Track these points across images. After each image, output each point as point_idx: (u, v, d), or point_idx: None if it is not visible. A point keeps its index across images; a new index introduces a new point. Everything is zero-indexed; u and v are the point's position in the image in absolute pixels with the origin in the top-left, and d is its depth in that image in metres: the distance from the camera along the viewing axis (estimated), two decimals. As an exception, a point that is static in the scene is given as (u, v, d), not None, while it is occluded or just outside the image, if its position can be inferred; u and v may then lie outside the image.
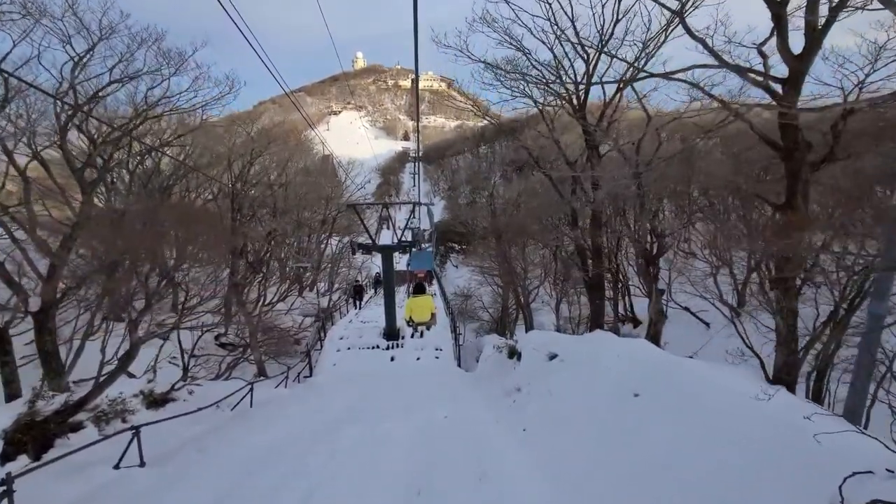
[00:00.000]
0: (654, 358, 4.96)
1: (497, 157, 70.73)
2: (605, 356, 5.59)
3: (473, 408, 6.70)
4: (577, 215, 7.19)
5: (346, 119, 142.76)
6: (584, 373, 5.65)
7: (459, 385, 8.95)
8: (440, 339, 12.96)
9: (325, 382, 10.21)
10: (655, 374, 4.63)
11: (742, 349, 12.76)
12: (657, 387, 4.42)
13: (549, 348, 7.25)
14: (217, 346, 14.42)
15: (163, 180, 12.36)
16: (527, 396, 6.46)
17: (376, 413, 6.62)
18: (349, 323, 15.48)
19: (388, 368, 11.19)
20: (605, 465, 3.85)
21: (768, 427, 3.19)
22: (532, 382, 6.72)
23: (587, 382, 5.40)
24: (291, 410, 7.21)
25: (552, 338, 7.96)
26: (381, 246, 12.60)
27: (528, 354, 7.96)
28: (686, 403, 4.01)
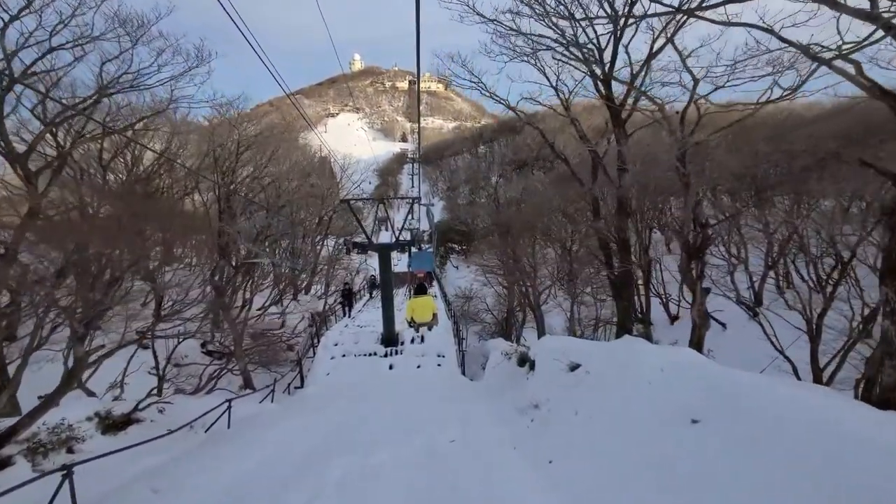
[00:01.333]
0: (711, 373, 4.02)
1: (496, 156, 69.91)
2: (643, 369, 4.65)
3: (484, 429, 5.77)
4: (600, 204, 6.30)
5: (343, 121, 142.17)
6: (619, 389, 4.71)
7: (465, 398, 8.02)
8: (442, 345, 12.04)
9: (317, 394, 9.28)
10: (717, 394, 3.69)
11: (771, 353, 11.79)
12: (722, 412, 3.49)
13: (569, 357, 6.31)
14: (204, 355, 13.45)
15: (140, 174, 11.36)
16: (547, 415, 5.52)
17: (371, 436, 5.68)
18: (345, 328, 14.54)
19: (385, 378, 10.27)
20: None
21: None
22: (552, 398, 5.78)
23: (624, 402, 4.46)
24: (273, 432, 6.27)
25: (570, 344, 7.02)
26: (378, 245, 11.67)
27: (544, 363, 7.02)
28: (768, 437, 3.07)
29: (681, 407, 3.87)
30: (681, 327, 20.60)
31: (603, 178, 6.83)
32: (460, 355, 11.67)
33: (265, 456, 5.24)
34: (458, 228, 45.95)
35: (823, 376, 9.91)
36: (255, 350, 11.81)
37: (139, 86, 8.88)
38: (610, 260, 6.30)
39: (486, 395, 8.27)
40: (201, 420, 6.86)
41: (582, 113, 61.81)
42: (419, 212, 23.82)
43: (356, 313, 17.65)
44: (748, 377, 3.77)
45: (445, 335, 12.78)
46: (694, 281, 5.58)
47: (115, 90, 8.73)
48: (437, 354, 11.51)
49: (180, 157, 12.20)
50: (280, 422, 6.86)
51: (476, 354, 13.25)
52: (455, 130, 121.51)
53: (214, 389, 11.24)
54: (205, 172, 12.12)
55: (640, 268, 6.24)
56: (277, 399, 9.16)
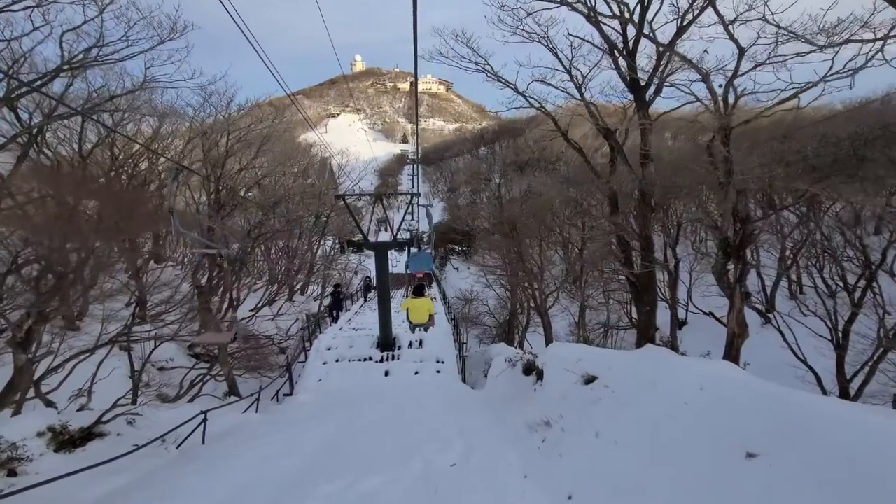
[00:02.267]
0: (765, 393, 3.38)
1: (498, 158, 69.36)
2: (678, 386, 4.00)
3: (489, 449, 5.11)
4: (618, 198, 5.67)
5: (344, 122, 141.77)
6: (648, 409, 4.06)
7: (467, 409, 7.36)
8: (441, 350, 11.38)
9: (307, 403, 8.62)
10: (780, 422, 3.05)
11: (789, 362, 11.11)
12: (789, 446, 2.84)
13: (584, 367, 5.66)
14: (191, 358, 12.78)
15: (121, 163, 10.65)
16: (560, 435, 4.86)
17: (362, 456, 5.02)
18: (339, 331, 13.86)
19: (381, 385, 9.60)
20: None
21: None
22: (565, 415, 5.12)
23: (655, 426, 3.81)
24: (253, 450, 5.60)
25: (583, 353, 6.36)
26: (375, 243, 11.01)
27: (554, 373, 6.37)
28: (852, 479, 2.43)
29: (730, 435, 3.22)
30: (689, 332, 19.96)
31: (622, 169, 6.20)
32: (461, 361, 11.01)
33: (239, 481, 4.58)
34: (460, 227, 45.36)
35: (851, 388, 9.26)
36: (243, 354, 11.15)
37: (106, 59, 8.14)
38: (630, 259, 5.68)
39: (489, 406, 7.61)
40: (175, 433, 6.19)
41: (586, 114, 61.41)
42: (419, 213, 23.11)
43: (347, 318, 16.87)
44: (823, 402, 3.12)
45: (445, 340, 12.11)
46: (732, 284, 4.94)
47: (79, 63, 7.98)
48: (436, 360, 10.85)
49: (169, 150, 11.51)
50: (262, 436, 6.20)
51: (477, 360, 12.57)
52: (456, 132, 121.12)
53: (200, 395, 10.58)
54: (193, 164, 11.46)
55: (666, 269, 5.58)
56: (263, 408, 8.50)
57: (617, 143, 5.36)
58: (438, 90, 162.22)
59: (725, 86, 5.27)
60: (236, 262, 11.17)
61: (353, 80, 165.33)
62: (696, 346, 17.33)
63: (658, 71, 5.66)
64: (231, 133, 11.41)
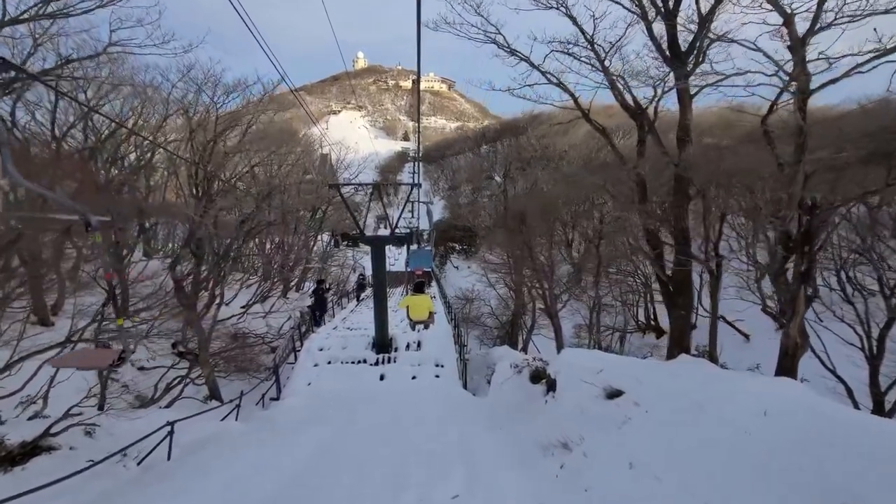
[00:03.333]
0: (848, 422, 2.65)
1: (500, 156, 68.59)
2: (733, 409, 3.27)
3: (496, 476, 4.37)
4: (647, 186, 4.94)
5: (345, 119, 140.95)
6: (695, 436, 3.33)
7: (470, 423, 6.62)
8: (441, 352, 10.65)
9: (294, 409, 7.88)
10: (873, 459, 2.33)
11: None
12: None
13: (606, 379, 4.93)
14: (176, 356, 12.02)
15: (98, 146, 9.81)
16: (583, 462, 4.12)
17: (348, 483, 4.29)
18: (333, 329, 13.13)
19: (375, 390, 8.87)
20: None
21: None
22: (587, 437, 4.39)
23: (710, 459, 3.07)
24: (223, 469, 4.86)
25: (603, 361, 5.63)
26: (372, 237, 10.27)
27: (569, 384, 5.64)
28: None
29: (817, 480, 2.49)
30: (699, 337, 19.19)
31: (652, 154, 5.48)
32: (461, 365, 10.27)
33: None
34: (461, 224, 44.67)
35: (886, 401, 8.54)
36: (228, 354, 10.40)
37: (58, 14, 7.29)
38: (661, 256, 4.97)
39: (493, 417, 6.87)
40: (139, 446, 5.45)
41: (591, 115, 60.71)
42: (419, 210, 22.32)
43: (343, 316, 16.05)
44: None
45: (445, 341, 11.38)
46: (793, 286, 4.20)
47: (19, 15, 7.13)
48: (434, 363, 10.13)
49: (151, 132, 10.74)
50: (237, 451, 5.46)
51: (479, 364, 11.84)
52: (457, 130, 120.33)
53: (180, 398, 9.83)
54: (178, 149, 10.65)
55: (707, 267, 4.87)
56: (246, 415, 7.77)
57: (648, 121, 4.64)
58: (440, 88, 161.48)
59: (804, 37, 4.51)
60: (223, 255, 10.42)
61: (355, 77, 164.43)
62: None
63: (704, 31, 4.89)
64: (220, 115, 10.62)
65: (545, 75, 5.43)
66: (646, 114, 4.71)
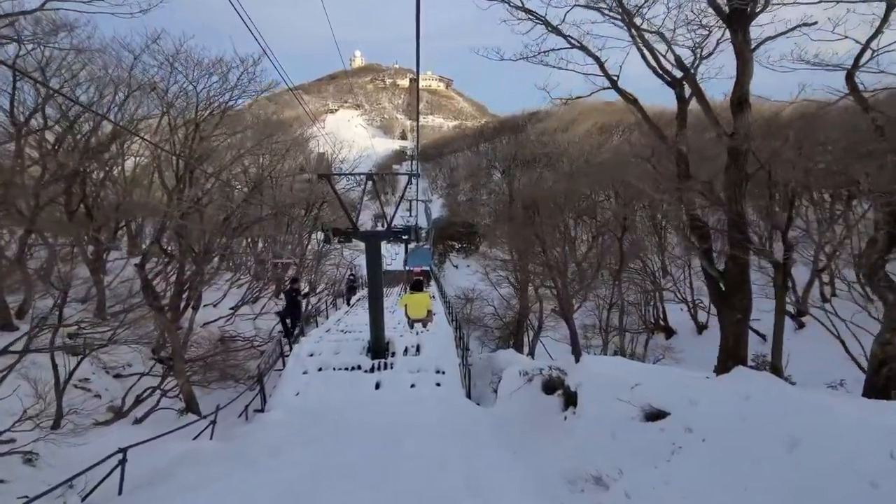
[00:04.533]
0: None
1: (499, 154, 67.76)
2: (842, 447, 2.44)
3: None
4: (689, 162, 4.13)
5: (343, 117, 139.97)
6: (789, 483, 2.49)
7: (477, 441, 5.79)
8: (442, 357, 9.82)
9: (278, 425, 7.04)
10: None
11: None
12: None
13: (644, 396, 4.10)
14: (156, 363, 11.13)
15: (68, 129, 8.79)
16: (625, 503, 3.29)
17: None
18: (326, 332, 12.28)
19: (370, 401, 8.02)
20: None
21: None
22: (627, 469, 3.56)
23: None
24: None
25: (638, 373, 4.80)
26: (366, 233, 9.43)
27: (595, 399, 4.82)
28: None
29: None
30: (710, 337, 18.38)
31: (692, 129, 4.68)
32: (465, 371, 9.44)
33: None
34: (459, 220, 43.93)
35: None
36: (211, 359, 9.53)
37: None
38: (709, 252, 4.17)
39: (503, 434, 6.05)
40: (90, 475, 4.59)
41: (590, 111, 59.49)
42: (417, 203, 21.43)
43: (337, 318, 15.09)
44: None
45: (446, 345, 10.55)
46: None
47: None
48: (435, 370, 9.28)
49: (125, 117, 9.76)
50: (204, 483, 4.60)
51: (481, 368, 10.98)
52: (455, 129, 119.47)
53: (157, 409, 8.94)
54: (153, 135, 9.67)
55: (771, 259, 4.08)
56: (224, 430, 6.90)
57: (694, 86, 3.84)
58: (438, 87, 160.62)
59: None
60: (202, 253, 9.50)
61: (353, 75, 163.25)
62: (713, 352, 15.80)
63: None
64: (201, 99, 9.66)
65: (566, 38, 4.59)
66: (690, 76, 3.92)
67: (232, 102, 10.02)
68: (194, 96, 9.42)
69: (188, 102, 9.64)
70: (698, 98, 3.90)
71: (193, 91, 9.39)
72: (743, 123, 3.49)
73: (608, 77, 4.66)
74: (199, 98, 9.47)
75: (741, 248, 3.69)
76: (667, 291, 17.76)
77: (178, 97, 9.36)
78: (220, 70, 9.45)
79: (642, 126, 5.80)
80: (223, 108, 9.94)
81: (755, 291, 14.68)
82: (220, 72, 9.45)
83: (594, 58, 4.64)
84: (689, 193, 4.03)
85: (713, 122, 3.74)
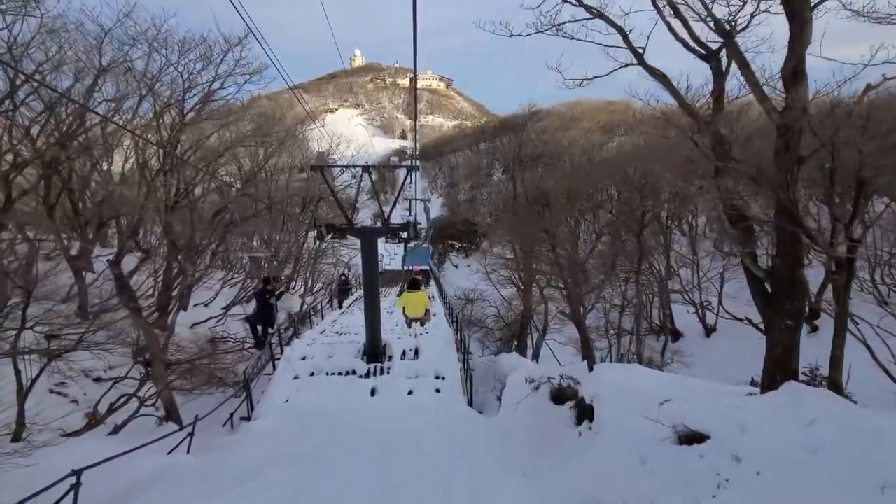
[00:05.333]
0: None
1: (499, 153, 67.21)
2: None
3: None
4: (727, 143, 3.56)
5: (342, 117, 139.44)
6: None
7: (481, 459, 5.24)
8: (441, 361, 9.28)
9: (264, 435, 6.50)
10: None
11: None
12: None
13: (676, 413, 3.54)
14: (141, 366, 10.55)
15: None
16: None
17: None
18: (320, 334, 11.73)
19: (364, 409, 7.46)
20: None
21: None
22: (661, 503, 3.00)
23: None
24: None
25: (665, 384, 4.26)
26: (361, 229, 8.88)
27: (615, 415, 4.26)
28: None
29: None
30: (718, 341, 17.82)
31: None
32: (466, 376, 8.87)
33: None
34: (461, 218, 43.46)
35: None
36: (198, 363, 8.95)
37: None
38: (752, 242, 3.59)
39: (510, 449, 5.50)
40: (39, 499, 4.02)
41: (591, 110, 59.21)
42: (416, 193, 20.87)
43: (333, 319, 14.42)
44: None
45: (446, 349, 10.00)
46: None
47: None
48: (434, 375, 8.73)
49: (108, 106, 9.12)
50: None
51: (484, 373, 10.42)
52: (455, 129, 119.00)
53: (138, 416, 8.37)
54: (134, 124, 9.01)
55: (832, 256, 3.57)
56: (205, 441, 6.32)
57: (737, 54, 3.28)
58: (438, 87, 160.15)
59: None
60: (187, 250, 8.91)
61: (352, 75, 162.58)
62: (728, 359, 15.27)
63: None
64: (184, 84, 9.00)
65: (587, 9, 4.03)
66: (732, 44, 3.37)
67: (217, 87, 9.44)
68: (178, 80, 8.82)
69: (172, 89, 9.04)
70: (742, 69, 3.34)
71: (177, 74, 8.79)
72: (798, 97, 2.96)
73: (633, 50, 4.10)
74: (182, 81, 8.86)
75: (793, 242, 3.15)
76: (674, 293, 17.19)
77: (157, 80, 8.74)
78: (203, 48, 8.83)
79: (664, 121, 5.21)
80: (207, 93, 9.34)
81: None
82: (201, 49, 8.81)
83: (616, 28, 4.09)
84: (729, 181, 3.49)
85: (760, 98, 3.20)
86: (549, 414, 6.07)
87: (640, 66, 4.14)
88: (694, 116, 3.72)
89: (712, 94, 3.74)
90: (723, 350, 15.85)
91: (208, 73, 9.14)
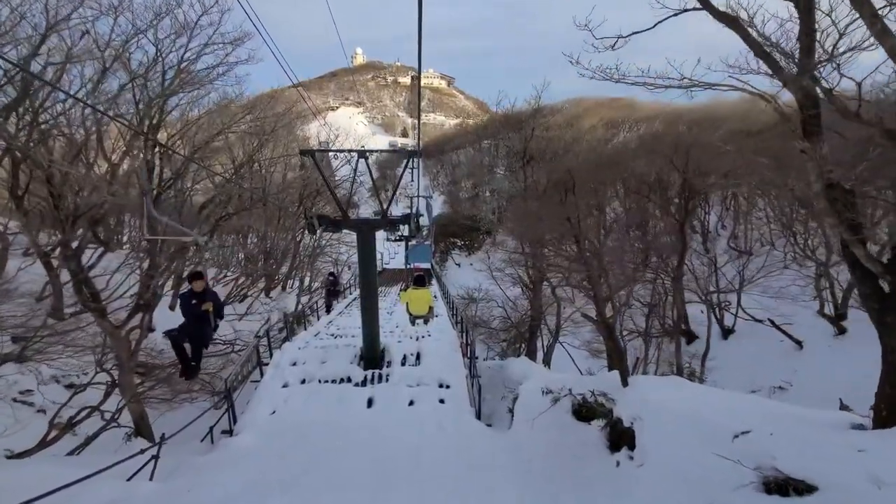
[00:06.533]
0: None
1: (501, 151, 66.26)
2: None
3: None
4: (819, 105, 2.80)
5: (343, 115, 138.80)
6: None
7: (496, 488, 4.40)
8: (446, 367, 8.45)
9: (243, 453, 5.69)
10: None
11: None
12: None
13: (762, 451, 2.70)
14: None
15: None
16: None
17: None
18: (314, 336, 10.91)
19: (360, 423, 6.61)
20: None
21: None
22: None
23: None
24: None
25: (736, 409, 3.40)
26: (357, 221, 8.04)
27: (668, 446, 3.41)
28: None
29: None
30: (736, 343, 16.90)
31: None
32: (473, 384, 8.00)
33: None
34: (464, 213, 42.73)
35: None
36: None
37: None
38: (860, 226, 2.80)
39: (528, 475, 4.67)
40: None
41: (596, 107, 58.46)
42: (419, 179, 19.94)
43: (329, 319, 13.50)
44: None
45: (450, 353, 9.16)
46: None
47: None
48: (438, 384, 7.89)
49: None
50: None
51: (492, 379, 9.52)
52: (457, 127, 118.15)
53: (110, 428, 7.57)
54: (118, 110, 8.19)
55: None
56: (173, 461, 5.48)
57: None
58: (440, 85, 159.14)
59: None
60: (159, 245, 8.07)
61: (354, 73, 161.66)
62: (750, 363, 14.35)
63: None
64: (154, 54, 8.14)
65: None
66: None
67: (193, 56, 8.52)
68: (152, 51, 7.90)
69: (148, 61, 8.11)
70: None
71: (150, 46, 7.89)
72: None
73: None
74: (158, 52, 7.94)
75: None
76: (691, 292, 16.28)
77: (122, 48, 7.81)
78: (177, 15, 7.91)
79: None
80: (181, 64, 8.43)
81: (794, 290, 12.65)
82: (176, 17, 7.89)
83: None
84: (824, 148, 2.66)
85: (879, 32, 2.36)
86: (571, 432, 5.24)
87: (702, 11, 3.28)
88: (776, 69, 2.89)
89: (798, 37, 2.89)
90: (744, 353, 14.97)
91: (183, 41, 8.25)
